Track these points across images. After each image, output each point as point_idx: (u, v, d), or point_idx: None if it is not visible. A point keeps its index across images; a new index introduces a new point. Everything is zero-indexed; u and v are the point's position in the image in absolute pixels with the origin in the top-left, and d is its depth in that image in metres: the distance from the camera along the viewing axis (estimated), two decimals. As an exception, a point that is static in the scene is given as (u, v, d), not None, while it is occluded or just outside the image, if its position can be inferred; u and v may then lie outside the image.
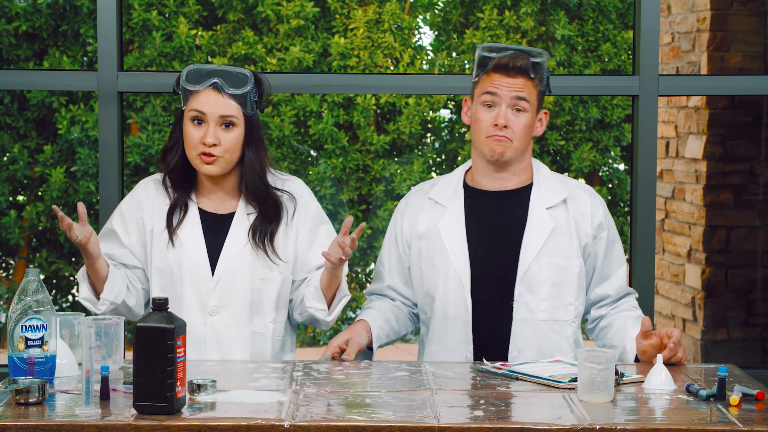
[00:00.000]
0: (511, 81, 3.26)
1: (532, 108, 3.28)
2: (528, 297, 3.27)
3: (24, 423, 2.51)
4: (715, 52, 5.29)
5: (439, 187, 3.41)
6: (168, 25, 6.04)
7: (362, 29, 6.06)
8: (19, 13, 6.02)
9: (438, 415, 2.58)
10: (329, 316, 3.32)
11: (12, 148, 6.06)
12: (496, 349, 3.26)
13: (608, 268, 3.37)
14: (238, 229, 3.30)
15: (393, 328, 3.42)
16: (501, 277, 3.29)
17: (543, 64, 3.29)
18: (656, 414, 2.67)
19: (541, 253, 3.28)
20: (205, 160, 3.25)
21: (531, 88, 3.27)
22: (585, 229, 3.33)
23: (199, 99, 3.25)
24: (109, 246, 3.34)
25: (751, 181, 5.32)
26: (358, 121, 6.07)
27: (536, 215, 3.30)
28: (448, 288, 3.31)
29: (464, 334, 3.29)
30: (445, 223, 3.34)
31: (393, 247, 3.45)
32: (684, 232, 5.48)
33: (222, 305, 3.28)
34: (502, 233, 3.31)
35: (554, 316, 3.29)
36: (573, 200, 3.35)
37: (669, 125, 5.64)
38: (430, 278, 3.35)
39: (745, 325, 5.36)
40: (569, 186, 3.38)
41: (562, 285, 3.29)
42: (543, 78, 3.29)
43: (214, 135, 3.23)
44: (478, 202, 3.35)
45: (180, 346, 2.57)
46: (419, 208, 3.40)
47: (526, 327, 3.27)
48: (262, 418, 2.52)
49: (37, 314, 2.83)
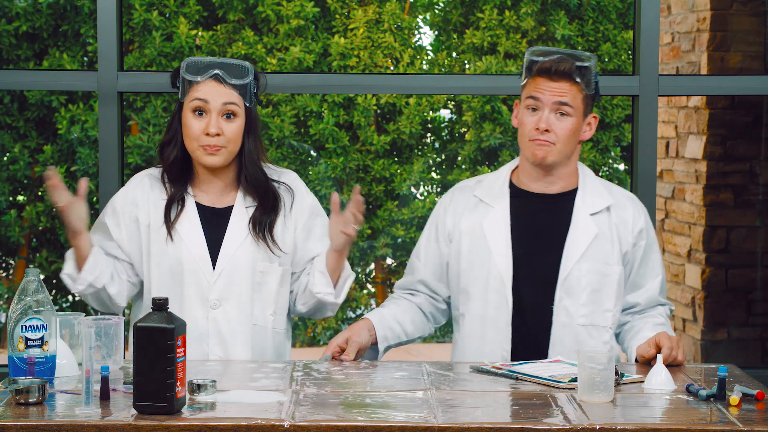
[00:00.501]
0: (554, 85, 3.25)
1: (577, 112, 3.26)
2: (567, 301, 3.27)
3: (24, 423, 2.51)
4: (715, 52, 5.29)
5: (485, 185, 3.40)
6: (168, 25, 6.04)
7: (362, 29, 6.07)
8: (20, 13, 6.02)
9: (438, 415, 2.58)
10: (338, 298, 3.33)
11: (12, 148, 6.07)
12: (532, 351, 3.25)
13: (642, 278, 3.36)
14: (238, 222, 3.31)
15: (405, 330, 3.40)
16: (542, 280, 3.28)
17: (591, 68, 3.27)
18: (656, 414, 2.67)
19: (582, 259, 3.27)
20: (208, 151, 3.25)
21: (575, 93, 3.25)
22: (626, 236, 3.33)
23: (200, 89, 3.25)
24: (98, 238, 3.35)
25: (751, 181, 5.32)
26: (358, 121, 6.07)
27: (580, 221, 3.30)
28: (489, 287, 3.30)
29: (503, 334, 3.28)
30: (489, 221, 3.33)
31: (432, 240, 3.44)
32: (684, 232, 5.48)
33: (223, 298, 3.29)
34: (545, 237, 3.31)
35: (592, 322, 3.28)
36: (617, 207, 3.34)
37: (669, 125, 5.64)
38: (468, 276, 3.34)
39: (745, 325, 5.36)
40: (614, 193, 3.38)
41: (602, 291, 3.29)
42: (590, 82, 3.27)
43: (217, 125, 3.23)
44: (523, 204, 3.34)
45: (180, 346, 2.57)
46: (464, 205, 3.40)
47: (565, 331, 3.26)
48: (262, 418, 2.52)
49: (37, 314, 2.83)
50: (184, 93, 3.28)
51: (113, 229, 3.34)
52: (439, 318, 3.49)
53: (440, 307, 3.47)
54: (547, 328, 3.27)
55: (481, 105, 6.08)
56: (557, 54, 3.28)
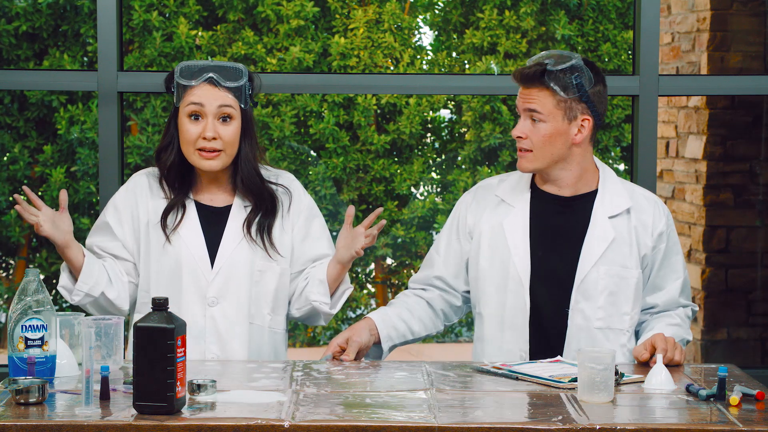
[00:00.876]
0: (525, 92, 3.25)
1: (552, 117, 3.22)
2: (584, 304, 3.26)
3: (24, 423, 2.51)
4: (715, 52, 5.29)
5: (507, 185, 3.39)
6: (168, 26, 6.04)
7: (362, 29, 6.06)
8: (19, 13, 6.01)
9: (438, 415, 2.58)
10: (333, 309, 3.33)
11: (12, 148, 6.06)
12: (548, 353, 3.24)
13: (662, 279, 3.34)
14: (236, 221, 3.31)
15: (411, 329, 3.40)
16: (559, 283, 3.28)
17: (567, 70, 3.20)
18: (656, 414, 2.67)
19: (600, 262, 3.26)
20: (205, 156, 3.25)
21: (545, 98, 3.22)
22: (645, 240, 3.31)
23: (195, 93, 3.25)
24: (101, 239, 3.35)
25: (751, 181, 5.32)
26: (358, 121, 6.07)
27: (598, 224, 3.28)
28: (507, 287, 3.30)
29: (521, 335, 3.28)
30: (510, 221, 3.32)
31: (453, 236, 3.43)
32: (684, 232, 5.48)
33: (221, 296, 3.29)
34: (562, 239, 3.30)
35: (609, 325, 3.27)
36: (636, 210, 3.32)
37: (669, 125, 5.64)
38: (487, 275, 3.34)
39: (745, 325, 5.36)
40: (634, 194, 3.35)
41: (619, 294, 3.28)
42: (568, 85, 3.21)
43: (213, 129, 3.23)
44: (543, 205, 3.33)
45: (180, 346, 2.57)
46: (485, 204, 3.39)
47: (581, 334, 3.25)
48: (262, 418, 2.52)
49: (37, 314, 2.83)
50: (179, 98, 3.28)
51: (116, 227, 3.34)
52: (451, 315, 3.48)
53: (454, 304, 3.46)
54: (563, 331, 3.26)
55: (481, 105, 6.08)
56: (536, 59, 3.26)
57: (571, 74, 3.21)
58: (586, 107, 3.25)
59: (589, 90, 3.24)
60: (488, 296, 3.33)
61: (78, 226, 6.07)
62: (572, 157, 3.29)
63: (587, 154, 3.31)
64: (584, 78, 3.23)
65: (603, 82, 3.29)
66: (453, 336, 6.47)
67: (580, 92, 3.23)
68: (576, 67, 3.22)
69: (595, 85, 3.26)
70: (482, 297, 3.35)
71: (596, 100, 3.26)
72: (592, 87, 3.25)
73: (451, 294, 3.44)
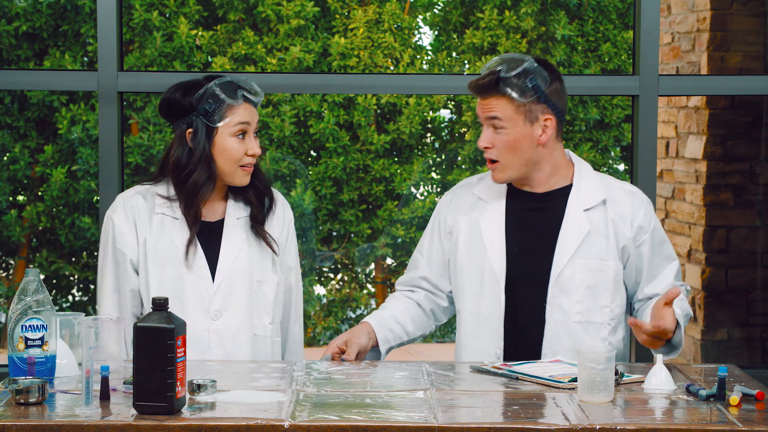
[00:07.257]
0: (483, 102, 3.26)
1: (513, 123, 3.22)
2: (562, 299, 3.26)
3: (24, 423, 2.51)
4: (715, 52, 5.29)
5: (485, 184, 3.41)
6: (168, 25, 6.04)
7: (362, 29, 6.07)
8: (20, 13, 6.02)
9: (438, 415, 2.58)
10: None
11: (13, 147, 6.07)
12: (527, 350, 3.25)
13: (657, 268, 3.34)
14: (231, 233, 3.32)
15: (406, 330, 3.42)
16: (535, 278, 3.28)
17: (521, 74, 3.20)
18: (656, 414, 2.67)
19: (575, 256, 3.26)
20: (247, 171, 3.29)
21: (504, 104, 3.22)
22: (623, 231, 3.30)
23: (239, 112, 3.26)
24: (123, 272, 3.30)
25: (751, 181, 5.32)
26: (358, 120, 6.07)
27: (572, 217, 3.29)
28: (483, 284, 3.31)
29: (496, 333, 3.29)
30: (486, 219, 3.33)
31: (435, 236, 3.45)
32: (684, 232, 5.48)
33: (224, 309, 3.29)
34: (538, 234, 3.31)
35: (588, 318, 3.28)
36: (613, 201, 3.32)
37: (669, 125, 5.64)
38: (464, 273, 3.35)
39: (745, 325, 5.36)
40: (611, 187, 3.35)
41: (597, 287, 3.28)
42: (525, 88, 3.21)
43: (258, 145, 3.30)
44: (519, 202, 3.34)
45: (180, 346, 2.57)
46: (463, 202, 3.41)
47: (560, 329, 3.26)
48: (262, 418, 2.52)
49: (37, 314, 2.83)
50: (219, 117, 3.25)
51: (130, 251, 3.30)
52: (440, 315, 3.50)
53: (441, 304, 3.47)
54: (541, 327, 3.27)
55: (481, 105, 6.08)
56: (489, 67, 3.26)
57: (525, 78, 3.22)
58: (546, 107, 3.25)
59: (546, 89, 3.24)
60: (465, 294, 3.35)
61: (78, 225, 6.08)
62: (541, 158, 3.29)
63: (556, 151, 3.32)
64: (539, 79, 3.23)
65: (559, 79, 3.29)
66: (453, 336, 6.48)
67: (538, 93, 3.23)
68: (529, 70, 3.22)
69: (551, 84, 3.25)
70: (460, 295, 3.37)
71: (555, 98, 3.26)
72: (548, 86, 3.24)
73: (437, 295, 3.46)
